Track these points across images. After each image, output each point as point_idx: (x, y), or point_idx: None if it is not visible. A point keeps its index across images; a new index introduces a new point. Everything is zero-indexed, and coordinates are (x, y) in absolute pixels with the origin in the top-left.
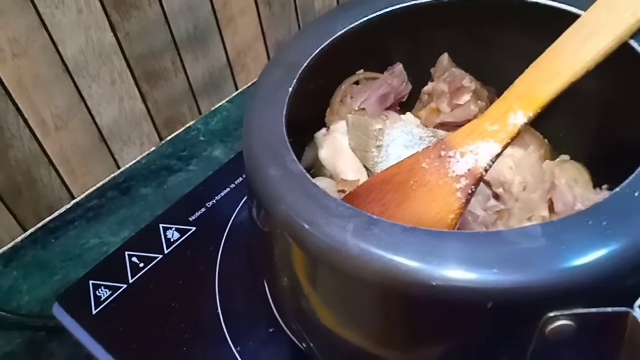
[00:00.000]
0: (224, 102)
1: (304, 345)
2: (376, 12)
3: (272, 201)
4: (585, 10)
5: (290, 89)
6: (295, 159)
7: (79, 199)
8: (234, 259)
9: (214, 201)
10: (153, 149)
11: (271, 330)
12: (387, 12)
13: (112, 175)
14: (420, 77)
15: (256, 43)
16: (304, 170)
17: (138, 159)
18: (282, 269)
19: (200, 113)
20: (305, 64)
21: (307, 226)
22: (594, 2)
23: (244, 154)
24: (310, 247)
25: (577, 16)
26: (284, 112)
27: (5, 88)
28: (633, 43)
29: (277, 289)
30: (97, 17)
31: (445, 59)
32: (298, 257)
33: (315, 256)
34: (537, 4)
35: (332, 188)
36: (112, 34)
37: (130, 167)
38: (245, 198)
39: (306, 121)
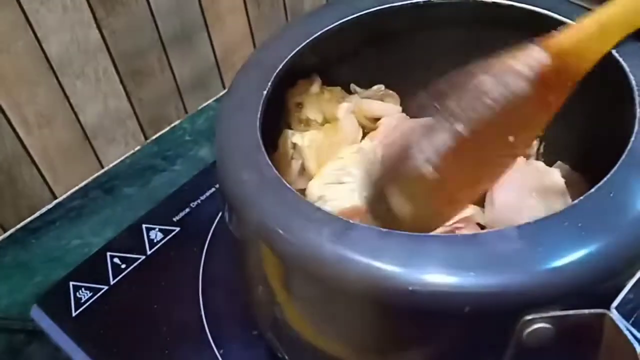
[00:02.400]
0: (210, 101)
1: (279, 354)
2: (355, 13)
3: (245, 206)
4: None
5: (265, 92)
6: (270, 162)
7: (60, 198)
8: (218, 260)
9: (199, 201)
10: (138, 148)
11: (254, 332)
12: (367, 14)
13: (96, 175)
14: (401, 79)
15: (244, 42)
16: (279, 175)
17: (122, 158)
18: (256, 276)
19: (186, 112)
20: (281, 66)
21: (281, 231)
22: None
23: (217, 159)
24: (284, 253)
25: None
26: (259, 115)
27: None
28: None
29: (252, 297)
30: (82, 13)
31: None
32: (272, 263)
33: (289, 262)
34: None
35: None
36: (97, 31)
37: (114, 166)
38: None
39: (281, 125)
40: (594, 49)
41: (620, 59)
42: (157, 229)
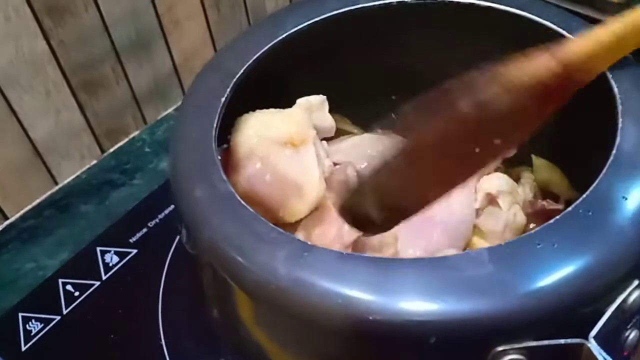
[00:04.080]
0: (170, 110)
1: None
2: (320, 15)
3: (197, 225)
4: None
5: (224, 99)
6: (225, 177)
7: (12, 219)
8: (178, 283)
9: (157, 220)
10: (94, 162)
11: None
12: (331, 16)
13: (49, 192)
14: (367, 83)
15: (204, 47)
16: (233, 191)
17: (78, 173)
18: (211, 299)
19: (145, 122)
20: (242, 71)
21: (234, 253)
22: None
23: (169, 172)
24: (237, 276)
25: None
26: (215, 125)
27: None
28: None
29: (212, 320)
30: (27, 24)
31: None
32: (226, 286)
33: (243, 287)
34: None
35: None
36: (44, 42)
37: (69, 182)
38: None
39: None
40: (604, 62)
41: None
42: (112, 252)
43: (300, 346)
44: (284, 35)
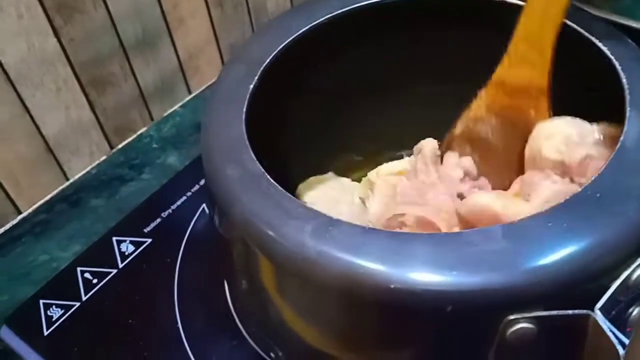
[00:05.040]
0: (176, 106)
1: (272, 354)
2: (342, 8)
3: (228, 202)
4: None
5: (251, 86)
6: (254, 157)
7: (25, 213)
8: (193, 270)
9: (170, 210)
10: (103, 158)
11: (234, 342)
12: (353, 9)
13: (61, 187)
14: (387, 74)
15: (208, 45)
16: (263, 170)
17: (88, 169)
18: (241, 274)
19: (152, 119)
20: (268, 60)
21: (263, 228)
22: None
23: (202, 153)
24: (266, 250)
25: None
26: (244, 109)
27: None
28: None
29: (238, 296)
30: (38, 22)
31: None
32: (256, 260)
33: (272, 259)
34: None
35: None
36: (55, 40)
37: (79, 177)
38: (203, 206)
39: (268, 119)
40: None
41: (612, 58)
42: (128, 241)
43: (324, 315)
44: (308, 26)
